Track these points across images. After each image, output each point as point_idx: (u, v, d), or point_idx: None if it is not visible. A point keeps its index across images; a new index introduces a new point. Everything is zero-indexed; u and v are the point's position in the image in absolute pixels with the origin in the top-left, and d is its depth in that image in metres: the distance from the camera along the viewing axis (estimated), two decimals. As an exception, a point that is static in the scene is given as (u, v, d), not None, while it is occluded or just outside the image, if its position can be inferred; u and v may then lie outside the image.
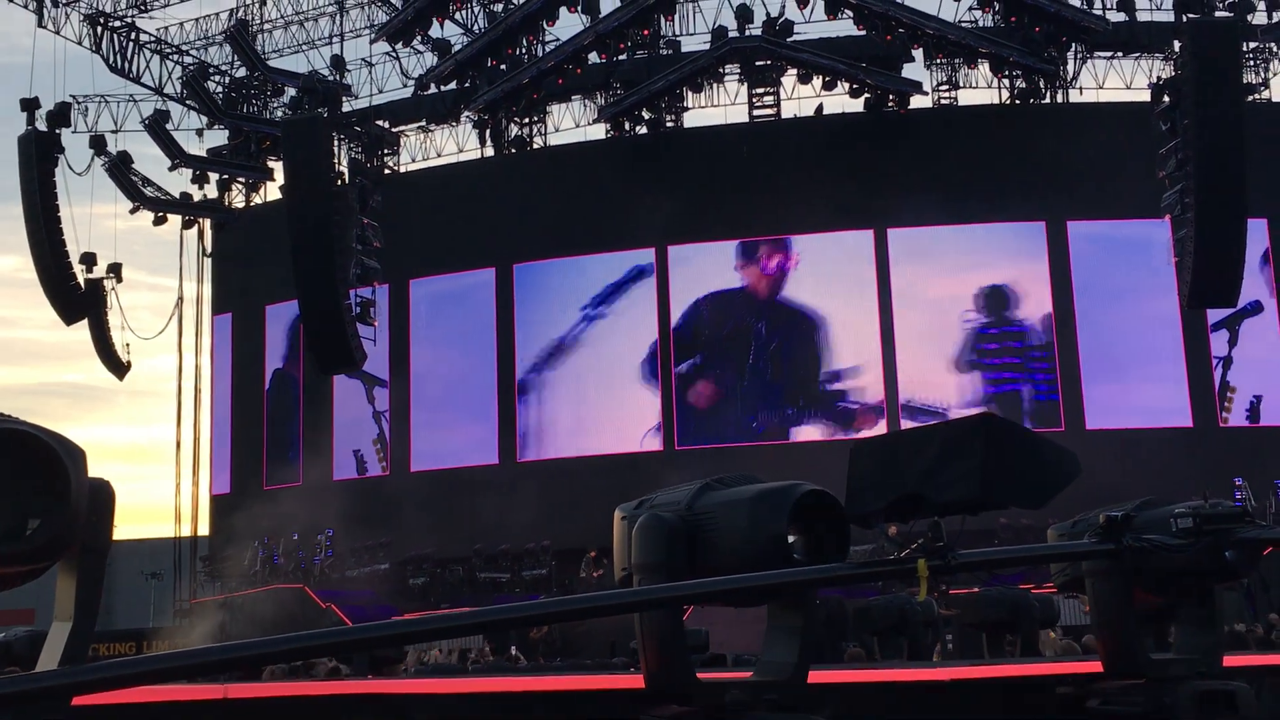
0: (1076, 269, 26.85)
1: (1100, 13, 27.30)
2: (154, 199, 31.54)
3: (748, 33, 27.59)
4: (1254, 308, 26.20)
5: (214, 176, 32.69)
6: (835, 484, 4.03)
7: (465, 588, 25.37)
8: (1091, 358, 26.45)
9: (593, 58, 28.64)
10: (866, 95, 28.00)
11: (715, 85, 29.75)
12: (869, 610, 9.07)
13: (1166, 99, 23.60)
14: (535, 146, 30.88)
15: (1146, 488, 5.38)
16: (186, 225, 32.81)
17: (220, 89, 32.41)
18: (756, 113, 29.24)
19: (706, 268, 27.88)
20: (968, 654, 10.91)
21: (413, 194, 29.90)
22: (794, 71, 28.70)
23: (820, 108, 29.08)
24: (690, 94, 29.46)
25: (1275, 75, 29.16)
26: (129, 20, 31.63)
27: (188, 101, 31.94)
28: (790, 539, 3.77)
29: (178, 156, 31.21)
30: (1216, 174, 22.02)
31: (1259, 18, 27.34)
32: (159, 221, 31.96)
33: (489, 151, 31.15)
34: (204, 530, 32.39)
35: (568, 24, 28.30)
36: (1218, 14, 24.63)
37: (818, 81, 28.35)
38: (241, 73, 32.51)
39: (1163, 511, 4.08)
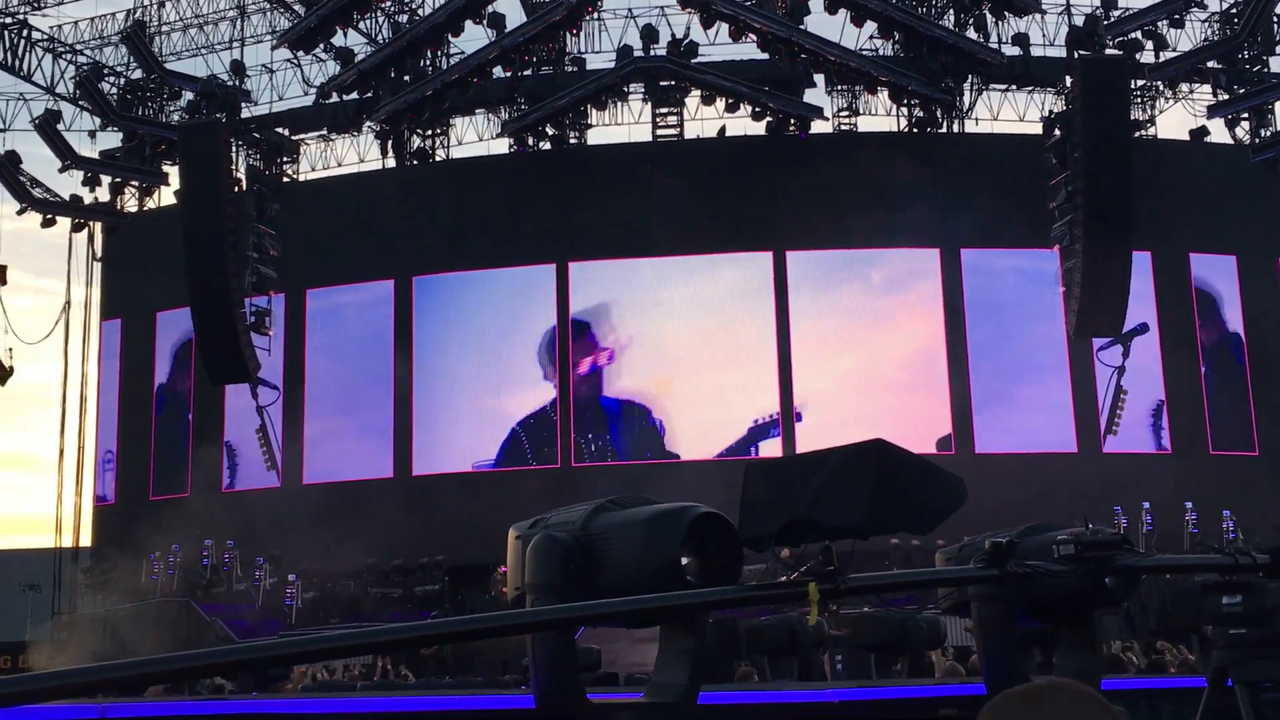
0: (969, 296, 27.40)
1: (996, 46, 27.95)
2: (43, 200, 30.74)
3: (653, 53, 27.76)
4: (1142, 329, 27.03)
5: (106, 179, 31.94)
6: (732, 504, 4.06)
7: (355, 603, 25.06)
8: (982, 383, 26.98)
9: (497, 72, 28.58)
10: (768, 119, 28.32)
11: (620, 103, 29.87)
12: (760, 630, 9.14)
13: (1057, 132, 24.24)
14: (437, 159, 30.71)
15: (1034, 511, 5.50)
16: (76, 228, 32.01)
17: (115, 90, 31.71)
18: (660, 132, 29.41)
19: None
20: (857, 674, 11.04)
21: (311, 203, 29.53)
22: (698, 93, 28.93)
23: (723, 129, 29.35)
24: (594, 111, 29.53)
25: (1161, 113, 30.12)
26: (21, 17, 30.84)
27: (80, 102, 31.20)
28: (683, 561, 3.79)
29: (69, 158, 30.47)
30: (1104, 207, 22.65)
31: (1146, 56, 28.23)
32: (48, 224, 31.15)
33: (390, 162, 30.89)
34: (86, 541, 31.57)
35: (473, 37, 28.26)
36: (1108, 51, 25.40)
37: (721, 103, 28.61)
38: (138, 74, 31.85)
39: (1046, 538, 4.17)
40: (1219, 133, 29.39)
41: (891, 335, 27.40)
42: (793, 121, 28.30)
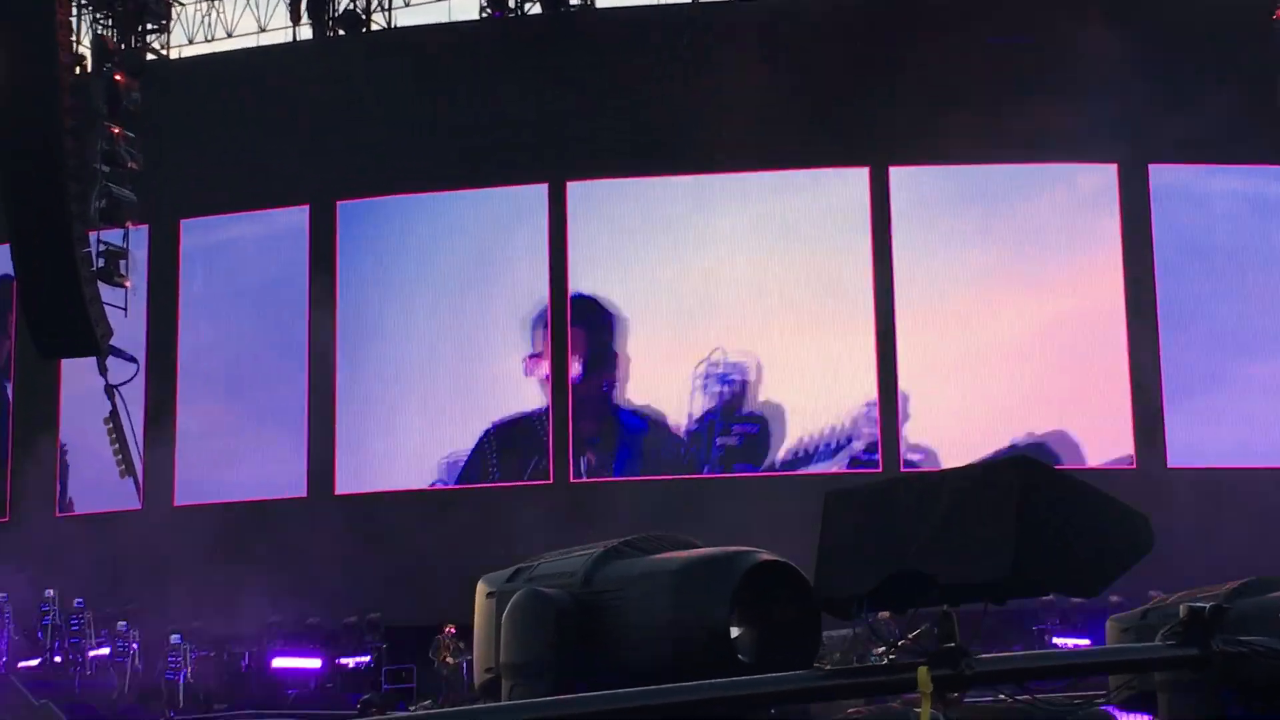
0: (1161, 232, 27.25)
1: None
2: None
3: None
4: None
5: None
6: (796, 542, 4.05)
7: (253, 682, 25.17)
8: (1179, 363, 26.84)
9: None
10: (864, -34, 28.17)
11: (642, -55, 29.79)
12: (847, 728, 9.16)
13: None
14: (374, 28, 30.64)
15: (1252, 559, 5.50)
16: None
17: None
18: (703, -12, 29.32)
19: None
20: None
21: (189, 92, 29.51)
22: (759, -72, 28.79)
23: (796, -17, 29.20)
24: (606, -43, 29.46)
25: None
26: None
27: None
28: (734, 632, 3.79)
29: None
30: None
31: None
32: None
33: (305, 33, 30.85)
34: None
35: None
36: None
37: (795, -57, 28.46)
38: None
39: (1269, 602, 4.16)
40: None
41: (1042, 290, 27.27)
42: (900, -28, 28.13)
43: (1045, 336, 27.06)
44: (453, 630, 23.74)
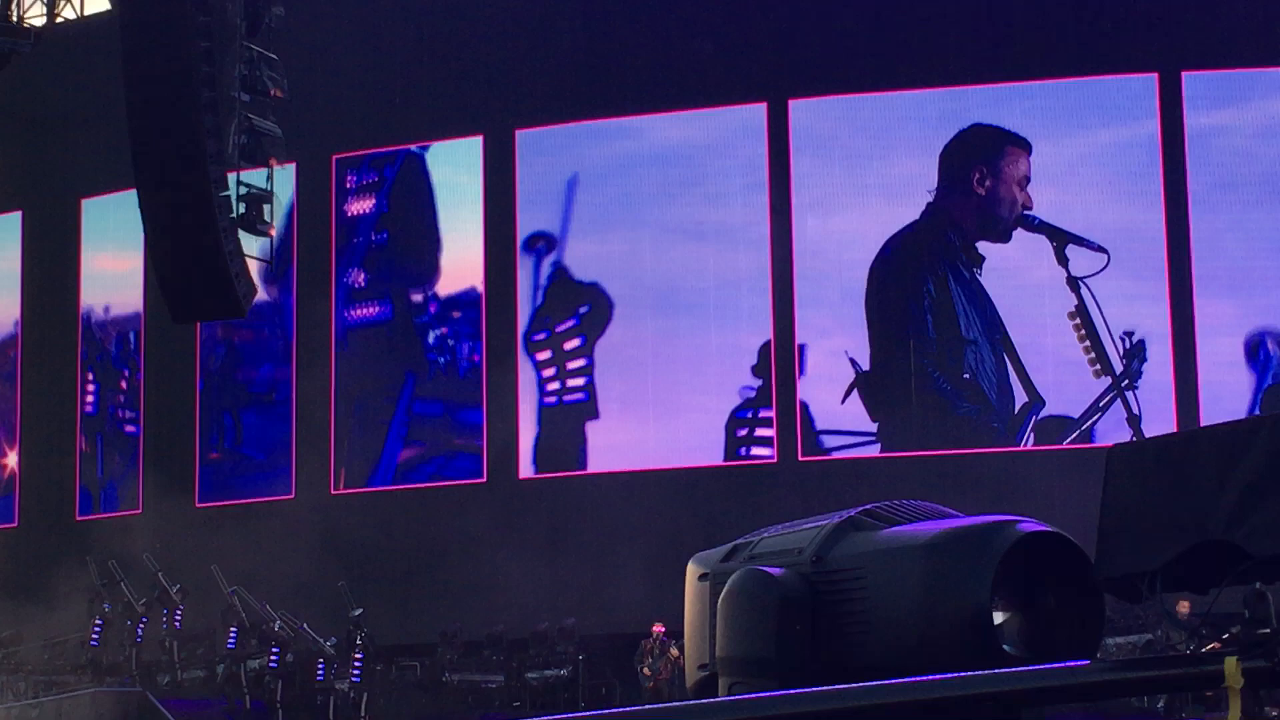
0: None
1: None
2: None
3: None
4: None
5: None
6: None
7: (423, 697, 25.45)
8: None
9: None
10: None
11: None
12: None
13: None
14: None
15: None
16: (-53, 56, 32.96)
17: None
18: None
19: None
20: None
21: (341, 5, 29.86)
22: None
23: None
24: None
25: None
26: None
27: None
28: (998, 618, 3.76)
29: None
30: None
31: None
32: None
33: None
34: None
35: None
36: None
37: None
38: None
39: None
40: None
41: None
42: None
43: None
44: (661, 629, 23.64)
